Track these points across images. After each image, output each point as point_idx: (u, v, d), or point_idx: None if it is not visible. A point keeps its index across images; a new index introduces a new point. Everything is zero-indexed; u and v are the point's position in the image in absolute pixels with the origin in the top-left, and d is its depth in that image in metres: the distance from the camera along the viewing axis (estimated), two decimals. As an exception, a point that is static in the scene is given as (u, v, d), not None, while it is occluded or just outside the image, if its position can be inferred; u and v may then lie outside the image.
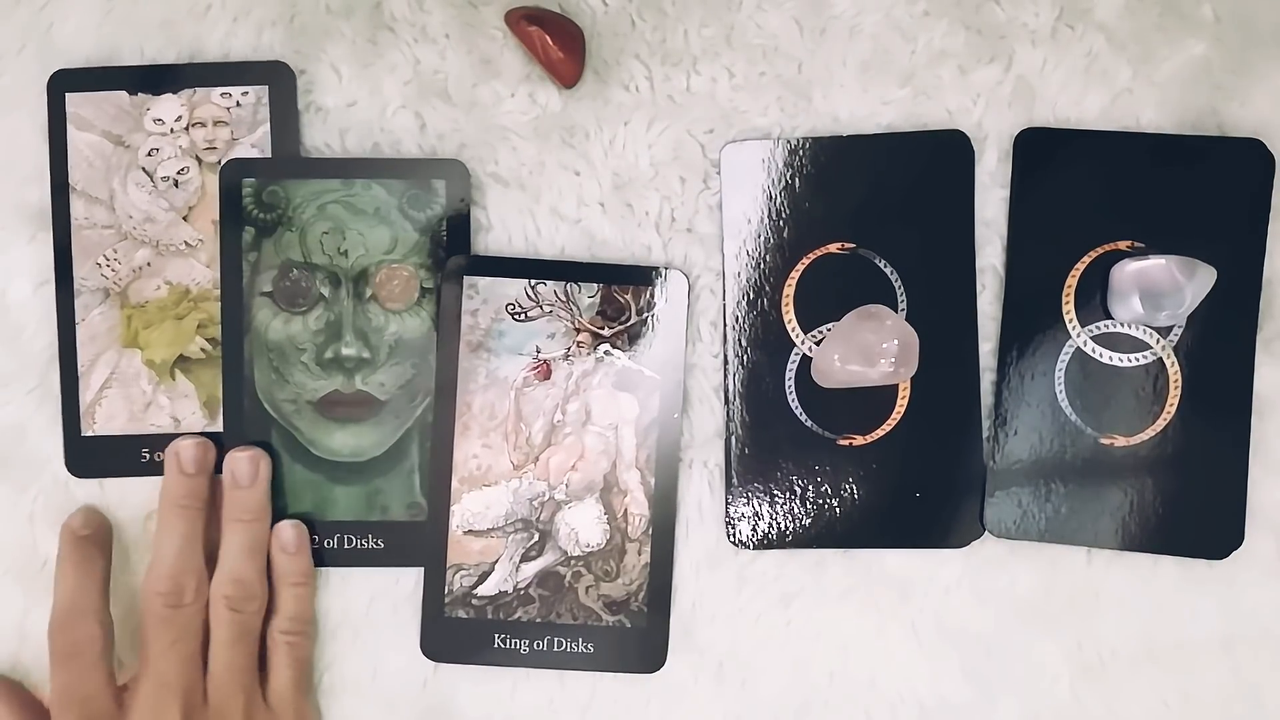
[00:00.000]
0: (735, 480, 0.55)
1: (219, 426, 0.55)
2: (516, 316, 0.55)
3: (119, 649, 0.54)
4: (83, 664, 0.52)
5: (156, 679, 0.52)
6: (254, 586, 0.53)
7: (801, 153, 0.55)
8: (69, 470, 0.55)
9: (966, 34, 0.55)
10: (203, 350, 0.55)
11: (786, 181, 0.55)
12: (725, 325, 0.55)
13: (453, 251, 0.55)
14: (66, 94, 0.55)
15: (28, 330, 0.56)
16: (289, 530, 0.54)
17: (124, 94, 0.55)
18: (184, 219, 0.55)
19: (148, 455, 0.55)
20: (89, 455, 0.55)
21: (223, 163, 0.55)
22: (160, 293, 0.55)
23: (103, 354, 0.55)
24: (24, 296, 0.56)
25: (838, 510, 0.55)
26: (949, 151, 0.55)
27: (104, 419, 0.55)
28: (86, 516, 0.55)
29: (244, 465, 0.54)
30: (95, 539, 0.54)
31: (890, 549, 0.56)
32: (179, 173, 0.55)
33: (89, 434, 0.55)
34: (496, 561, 0.55)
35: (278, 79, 0.55)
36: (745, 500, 0.55)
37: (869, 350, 0.53)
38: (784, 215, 0.55)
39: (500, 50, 0.55)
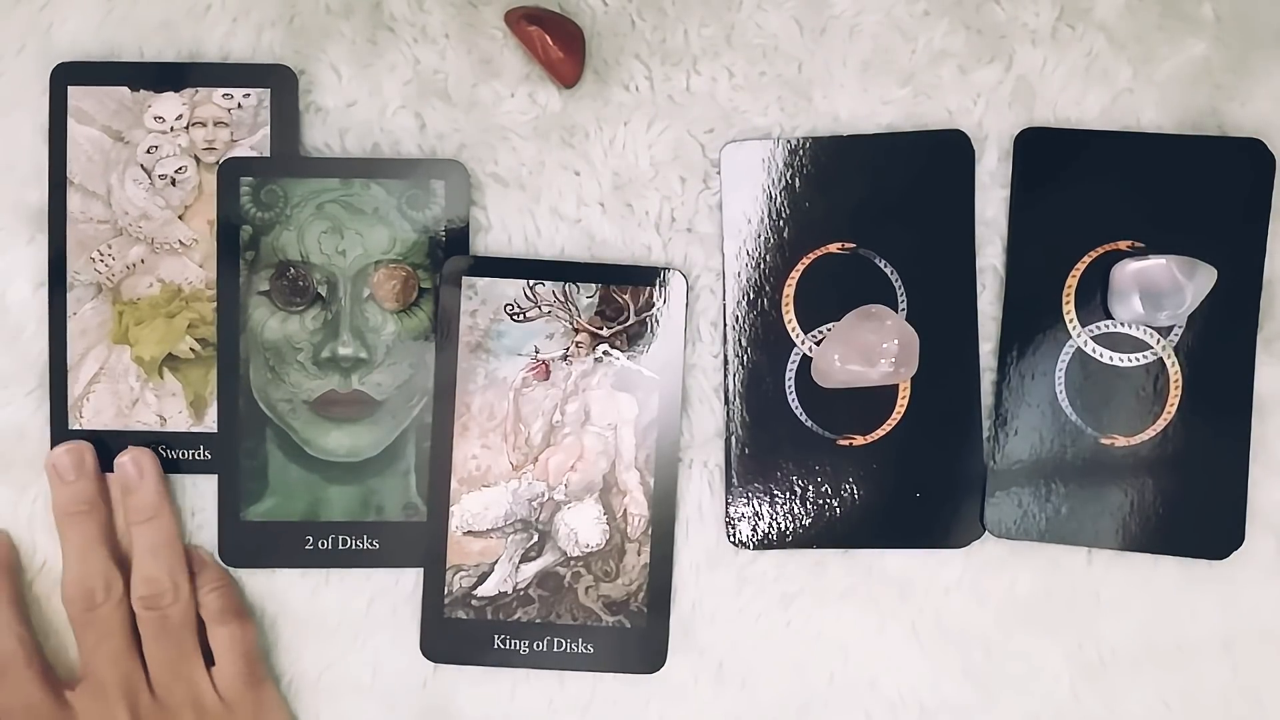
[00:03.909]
0: (735, 480, 0.55)
1: (205, 426, 0.55)
2: (515, 317, 0.55)
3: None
4: (12, 678, 0.53)
5: (93, 679, 0.53)
6: (163, 583, 0.53)
7: (801, 153, 0.55)
8: None
9: (967, 34, 0.55)
10: (192, 350, 0.55)
11: (786, 181, 0.55)
12: (725, 325, 0.55)
13: (451, 251, 0.55)
14: (69, 87, 0.55)
15: (27, 331, 0.55)
16: (194, 552, 0.55)
17: (125, 90, 0.55)
18: (180, 218, 0.55)
19: None
20: None
21: (221, 160, 0.55)
22: (152, 290, 0.55)
23: (93, 348, 0.55)
24: (23, 298, 0.55)
25: (838, 510, 0.55)
26: (949, 151, 0.55)
27: (91, 413, 0.55)
28: None
29: (128, 468, 0.54)
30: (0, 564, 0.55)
31: (890, 549, 0.55)
32: (177, 171, 0.55)
33: (76, 428, 0.55)
34: (496, 562, 0.55)
35: (280, 82, 0.55)
36: (745, 500, 0.55)
37: (869, 350, 0.53)
38: (784, 215, 0.55)
39: (500, 50, 0.55)
